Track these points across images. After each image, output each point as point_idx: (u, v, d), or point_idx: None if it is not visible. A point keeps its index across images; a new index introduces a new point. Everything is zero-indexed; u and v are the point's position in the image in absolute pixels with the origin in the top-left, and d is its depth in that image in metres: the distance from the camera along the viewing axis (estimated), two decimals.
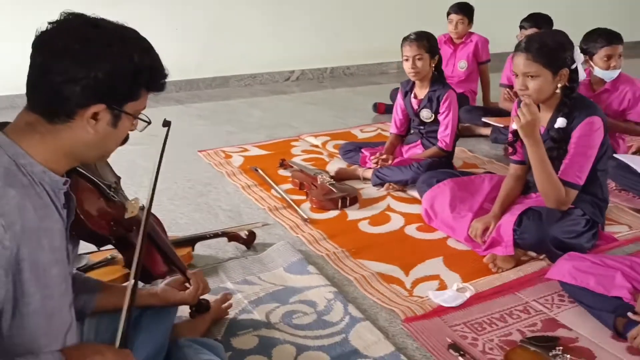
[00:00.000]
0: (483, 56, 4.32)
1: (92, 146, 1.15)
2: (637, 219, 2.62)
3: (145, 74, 1.14)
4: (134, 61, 1.11)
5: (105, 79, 1.08)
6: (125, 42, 1.12)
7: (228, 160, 3.40)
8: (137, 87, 1.15)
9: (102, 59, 1.07)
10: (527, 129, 2.08)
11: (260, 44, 5.52)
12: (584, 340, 1.77)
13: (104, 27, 1.12)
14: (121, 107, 1.14)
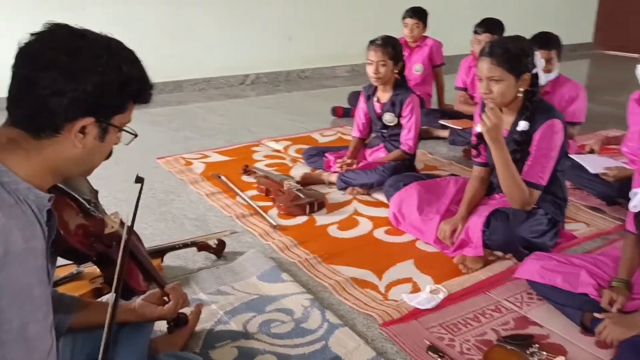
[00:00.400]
0: (437, 60, 4.41)
1: (79, 161, 1.11)
2: (592, 216, 2.74)
3: (134, 85, 1.12)
4: (123, 72, 1.08)
5: (94, 91, 1.04)
6: (113, 53, 1.09)
7: (189, 167, 3.34)
8: (125, 99, 1.12)
9: (90, 71, 1.04)
10: (492, 132, 2.14)
11: (214, 48, 5.46)
12: (555, 336, 1.83)
13: (91, 38, 1.08)
14: (109, 120, 1.11)
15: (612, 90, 5.82)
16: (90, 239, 1.36)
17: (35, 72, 1.00)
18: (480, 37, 3.86)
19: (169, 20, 5.13)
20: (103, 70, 1.05)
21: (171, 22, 5.16)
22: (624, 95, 5.52)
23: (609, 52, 8.72)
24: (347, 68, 6.45)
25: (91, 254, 1.37)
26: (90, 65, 1.04)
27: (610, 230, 2.58)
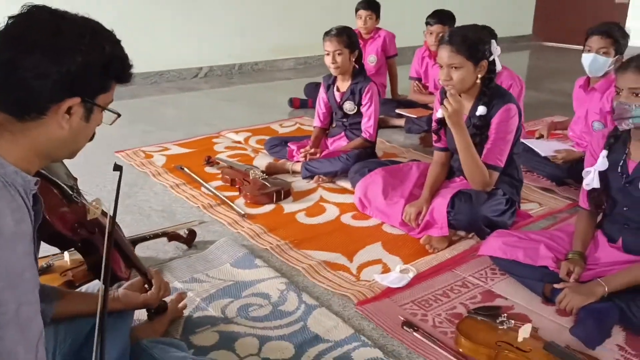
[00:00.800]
0: (391, 51, 4.51)
1: (65, 143, 1.12)
2: (544, 196, 2.89)
3: (117, 64, 1.13)
4: (106, 52, 1.09)
5: (79, 72, 1.05)
6: (96, 32, 1.10)
7: (150, 160, 3.31)
8: (108, 79, 1.13)
9: (74, 51, 1.04)
10: (453, 117, 2.23)
11: (166, 41, 5.38)
12: (519, 307, 1.94)
13: (71, 19, 1.09)
14: (94, 100, 1.12)
15: (552, 79, 6.11)
16: (74, 225, 1.36)
17: (17, 55, 1.00)
18: (432, 29, 3.98)
19: (120, 12, 5.01)
20: (86, 50, 1.06)
21: (122, 14, 5.04)
22: (563, 83, 5.85)
23: (547, 44, 9.10)
24: (301, 60, 6.48)
25: (76, 240, 1.37)
26: (73, 46, 1.04)
27: (561, 209, 2.74)
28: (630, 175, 1.92)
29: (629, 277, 1.84)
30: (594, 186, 2.00)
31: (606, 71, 2.87)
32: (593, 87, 2.95)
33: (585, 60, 2.87)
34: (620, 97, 1.81)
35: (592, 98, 2.94)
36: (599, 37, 2.82)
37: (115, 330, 1.54)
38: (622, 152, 1.95)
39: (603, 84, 2.90)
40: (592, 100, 2.94)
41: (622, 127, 1.85)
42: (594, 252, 2.03)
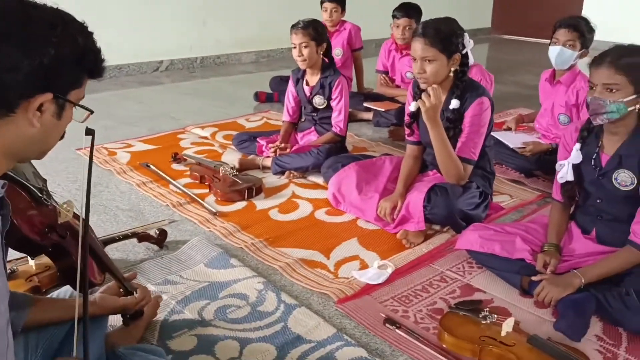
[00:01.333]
0: (356, 44, 4.48)
1: (36, 141, 1.04)
2: (514, 188, 2.92)
3: (90, 57, 1.06)
4: (79, 44, 1.02)
5: (51, 65, 0.98)
6: (67, 23, 1.02)
7: (113, 158, 3.19)
8: (81, 73, 1.06)
9: (46, 43, 0.97)
10: (431, 112, 2.22)
11: (125, 33, 5.20)
12: (498, 300, 1.95)
13: (42, 8, 1.01)
14: (66, 95, 1.04)
15: (512, 71, 6.21)
16: (44, 229, 1.28)
17: None
18: (399, 22, 3.97)
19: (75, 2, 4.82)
20: (59, 41, 0.98)
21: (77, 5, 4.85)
22: (523, 75, 5.96)
23: (506, 37, 9.26)
24: (263, 53, 6.39)
25: (46, 245, 1.29)
26: (45, 37, 0.97)
27: (532, 200, 2.77)
28: (603, 168, 1.94)
29: (604, 268, 1.87)
30: (568, 179, 2.02)
31: (571, 64, 2.92)
32: (559, 80, 2.99)
33: (552, 53, 2.91)
34: (595, 93, 1.82)
35: (558, 91, 2.99)
36: (566, 30, 2.86)
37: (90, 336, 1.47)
38: (595, 145, 1.98)
39: (568, 77, 2.95)
40: (558, 93, 2.99)
41: (597, 122, 1.87)
42: (569, 244, 2.06)
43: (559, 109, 3.02)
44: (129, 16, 5.24)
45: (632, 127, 1.87)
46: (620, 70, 1.76)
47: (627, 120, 1.85)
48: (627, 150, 1.88)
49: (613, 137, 1.92)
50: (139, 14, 5.30)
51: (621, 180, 1.90)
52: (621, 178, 1.90)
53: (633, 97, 1.78)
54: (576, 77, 2.94)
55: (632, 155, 1.87)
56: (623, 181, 1.90)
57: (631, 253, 1.87)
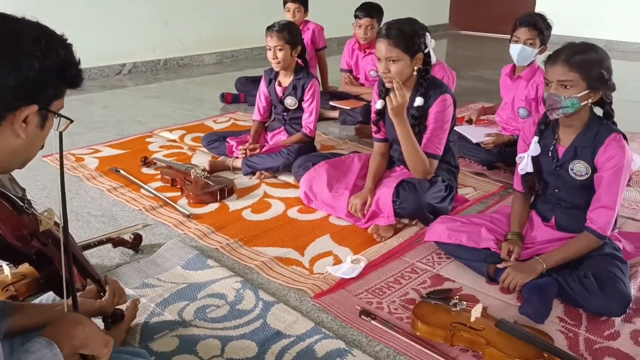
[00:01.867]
0: (320, 43, 4.54)
1: (20, 152, 1.08)
2: (478, 181, 3.04)
3: (71, 69, 1.10)
4: (60, 56, 1.07)
5: (36, 78, 1.02)
6: (49, 36, 1.06)
7: (81, 164, 3.17)
8: (62, 84, 1.11)
9: (32, 56, 1.01)
10: (397, 109, 2.30)
11: (85, 37, 5.11)
12: (467, 288, 2.05)
13: (25, 22, 1.05)
14: (49, 106, 1.08)
15: (471, 66, 6.38)
16: (27, 237, 1.30)
17: None
18: (361, 22, 4.05)
19: (31, 7, 4.73)
20: (42, 54, 1.03)
21: (34, 10, 4.76)
22: (482, 70, 6.12)
23: (464, 32, 9.47)
24: (227, 54, 6.39)
25: (30, 253, 1.31)
26: (30, 50, 1.01)
27: (495, 191, 2.89)
28: (560, 160, 2.06)
29: (564, 253, 1.99)
30: (527, 170, 2.13)
31: (531, 60, 3.04)
32: (519, 75, 3.11)
33: (514, 51, 3.02)
34: (550, 89, 1.93)
35: (518, 86, 3.11)
36: (527, 28, 2.97)
37: None
38: (552, 138, 2.09)
39: (528, 73, 3.07)
40: (518, 88, 3.11)
41: (553, 117, 1.97)
42: (531, 232, 2.17)
43: (519, 102, 3.14)
44: (89, 19, 5.17)
45: (585, 120, 1.99)
46: (574, 67, 1.87)
47: (581, 114, 1.96)
48: (581, 142, 2.00)
49: (568, 130, 2.03)
50: (98, 16, 5.24)
51: (577, 170, 2.02)
52: (577, 168, 2.02)
53: (586, 92, 1.89)
54: (535, 72, 3.07)
55: (586, 147, 1.99)
56: (578, 171, 2.02)
57: (588, 238, 1.98)
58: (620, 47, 7.61)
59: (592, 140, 1.98)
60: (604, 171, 1.95)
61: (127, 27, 5.48)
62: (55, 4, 4.91)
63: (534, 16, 3.04)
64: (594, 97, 1.92)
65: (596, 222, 1.96)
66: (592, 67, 1.87)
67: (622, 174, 1.94)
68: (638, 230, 2.49)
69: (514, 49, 3.02)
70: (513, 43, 3.03)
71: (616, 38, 7.64)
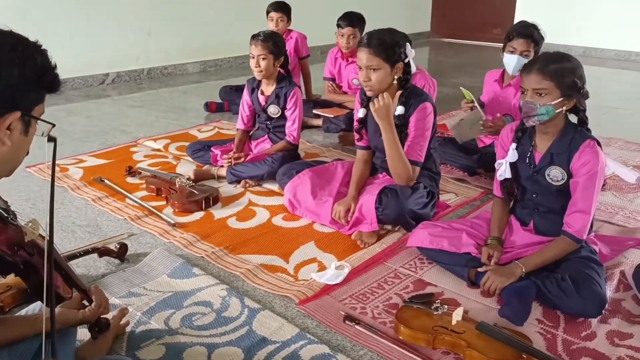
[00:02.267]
0: (303, 52, 4.59)
1: (7, 159, 1.11)
2: (459, 186, 3.10)
3: (49, 74, 1.13)
4: (38, 62, 1.10)
5: (17, 85, 1.05)
6: (25, 44, 1.10)
7: (65, 174, 3.18)
8: (41, 90, 1.14)
9: (11, 64, 1.04)
10: (382, 112, 2.35)
11: (68, 47, 5.14)
12: (449, 292, 2.09)
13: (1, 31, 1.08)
14: (30, 112, 1.12)
15: (452, 74, 6.47)
16: (13, 248, 1.31)
17: None
18: (343, 31, 4.11)
19: (13, 17, 4.72)
20: (21, 62, 1.06)
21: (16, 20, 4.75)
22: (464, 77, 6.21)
23: (445, 40, 9.60)
24: (210, 62, 6.41)
25: (17, 263, 1.33)
26: (9, 58, 1.04)
27: (476, 197, 2.95)
28: (537, 165, 2.12)
29: (542, 257, 2.04)
30: (506, 176, 2.19)
31: None
32: (509, 83, 3.15)
33: (510, 61, 3.01)
34: (526, 97, 1.99)
35: (508, 93, 3.16)
36: (524, 40, 2.97)
37: (60, 351, 1.51)
38: (529, 144, 2.15)
39: (518, 81, 3.12)
40: (508, 95, 3.15)
41: (529, 124, 2.03)
42: (510, 236, 2.23)
43: (506, 110, 3.21)
44: (72, 29, 5.18)
45: (560, 127, 2.05)
46: (547, 76, 1.93)
47: (556, 121, 2.02)
48: (557, 149, 2.06)
49: (544, 137, 2.10)
50: (81, 26, 5.25)
51: (553, 176, 2.08)
52: (553, 174, 2.08)
53: (560, 100, 1.95)
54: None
55: (562, 153, 2.05)
56: (555, 177, 2.08)
57: (565, 242, 2.04)
58: (598, 54, 7.77)
59: (567, 146, 2.04)
60: (579, 176, 2.01)
61: (111, 36, 5.49)
62: (39, 13, 4.92)
63: (530, 27, 3.02)
64: (568, 104, 1.98)
65: (572, 226, 2.02)
66: (566, 76, 1.94)
67: (596, 179, 2.00)
68: (614, 233, 2.55)
69: (510, 59, 3.01)
70: (508, 53, 3.02)
71: (594, 45, 7.80)
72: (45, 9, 4.96)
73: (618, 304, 2.02)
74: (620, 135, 4.01)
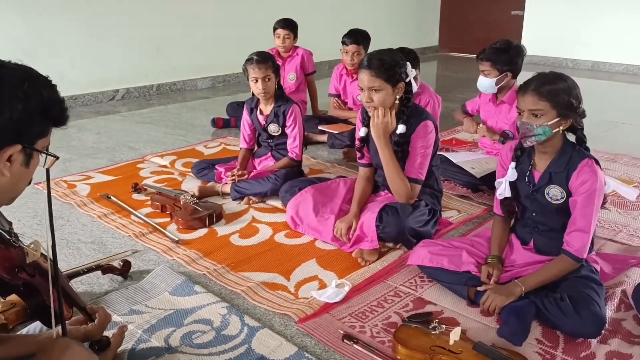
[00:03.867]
0: (309, 68, 4.64)
1: (7, 189, 1.14)
2: (462, 203, 3.10)
3: (56, 109, 1.17)
4: (44, 97, 1.13)
5: (20, 119, 1.08)
6: (33, 79, 1.13)
7: (73, 190, 3.23)
8: (47, 123, 1.17)
9: (15, 99, 1.08)
10: (379, 128, 2.38)
11: (78, 63, 5.23)
12: (448, 311, 2.09)
13: (8, 67, 1.12)
14: (33, 145, 1.14)
15: (460, 88, 6.48)
16: (14, 270, 1.35)
17: None
18: (348, 48, 4.15)
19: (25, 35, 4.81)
20: (26, 97, 1.09)
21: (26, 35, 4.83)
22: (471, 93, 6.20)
23: (453, 54, 9.63)
24: (220, 78, 6.49)
25: (18, 284, 1.36)
26: (14, 94, 1.07)
27: (478, 214, 2.95)
28: (536, 184, 2.12)
29: (542, 276, 2.04)
30: (506, 195, 2.20)
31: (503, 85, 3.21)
32: (502, 100, 3.21)
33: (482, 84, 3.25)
34: (523, 118, 2.00)
35: (502, 110, 3.21)
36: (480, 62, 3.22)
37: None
38: (528, 163, 2.16)
39: (510, 96, 3.19)
40: (502, 112, 3.20)
41: (527, 144, 2.04)
42: (510, 255, 2.23)
43: (504, 126, 3.23)
44: (81, 45, 5.26)
45: (558, 147, 2.06)
46: (543, 97, 1.95)
47: (553, 140, 2.03)
48: (555, 168, 2.07)
49: (543, 156, 2.11)
50: (91, 43, 5.33)
51: (552, 194, 2.09)
52: (552, 193, 2.09)
53: (556, 120, 1.97)
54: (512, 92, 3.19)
55: (560, 172, 2.06)
56: (554, 195, 2.08)
57: (565, 261, 2.04)
58: (606, 68, 7.76)
59: (566, 165, 2.05)
60: (578, 195, 2.01)
61: (120, 53, 5.57)
62: (50, 31, 5.01)
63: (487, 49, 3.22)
64: (564, 124, 2.00)
65: (572, 245, 2.02)
66: (561, 96, 1.95)
67: (595, 198, 2.00)
68: (617, 251, 2.55)
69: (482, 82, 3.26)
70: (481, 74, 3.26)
71: (602, 59, 7.79)
72: (55, 26, 5.06)
73: (618, 324, 2.01)
74: (626, 151, 3.99)
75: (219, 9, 6.25)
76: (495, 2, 8.90)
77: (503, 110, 3.24)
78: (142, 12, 5.67)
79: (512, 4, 8.65)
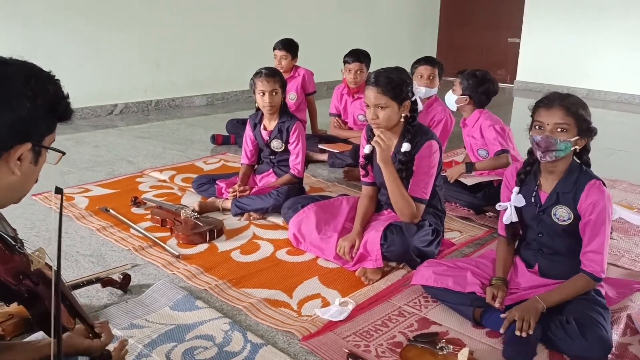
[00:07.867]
0: (310, 88, 4.66)
1: (16, 188, 1.12)
2: (464, 225, 3.09)
3: (61, 105, 1.15)
4: (50, 93, 1.12)
5: (29, 116, 1.07)
6: (39, 75, 1.12)
7: (71, 203, 3.19)
8: (53, 120, 1.16)
9: (23, 96, 1.06)
10: (384, 153, 2.37)
11: (77, 77, 5.22)
12: (453, 332, 2.07)
13: (14, 64, 1.11)
14: (41, 142, 1.13)
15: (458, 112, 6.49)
16: (19, 277, 1.31)
17: None
18: (350, 66, 4.18)
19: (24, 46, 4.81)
20: (33, 94, 1.08)
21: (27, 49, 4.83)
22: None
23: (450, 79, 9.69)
24: (218, 95, 6.50)
25: (22, 292, 1.33)
26: (22, 91, 1.06)
27: (481, 236, 2.94)
28: (543, 205, 2.12)
29: (561, 294, 2.01)
30: (512, 220, 2.19)
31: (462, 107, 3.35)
32: (464, 122, 3.38)
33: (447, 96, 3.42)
34: (546, 132, 1.98)
35: (468, 131, 3.29)
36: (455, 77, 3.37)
37: None
38: (534, 184, 2.15)
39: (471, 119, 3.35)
40: (469, 133, 3.27)
41: (545, 159, 2.01)
42: (515, 278, 2.21)
43: (476, 145, 3.29)
44: (81, 59, 5.27)
45: (566, 167, 2.06)
46: (570, 112, 1.95)
47: (564, 159, 2.03)
48: (562, 188, 2.06)
49: (550, 176, 2.10)
50: (91, 57, 5.34)
51: (559, 215, 2.08)
52: (559, 213, 2.08)
53: (576, 138, 1.97)
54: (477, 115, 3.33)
55: (567, 192, 2.05)
56: (561, 216, 2.08)
57: (584, 280, 2.02)
58: (602, 96, 7.84)
59: (573, 186, 2.04)
60: (589, 216, 2.00)
61: (120, 68, 5.58)
62: (49, 44, 5.01)
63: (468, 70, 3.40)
64: (580, 143, 2.00)
65: (589, 266, 2.01)
66: (583, 115, 1.97)
67: (606, 217, 1.99)
68: (620, 276, 2.54)
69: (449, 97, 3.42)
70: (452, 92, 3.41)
71: (597, 88, 7.88)
72: (55, 40, 5.07)
73: (625, 348, 1.99)
74: (624, 178, 4.01)
75: (219, 27, 6.29)
76: (492, 29, 9.02)
77: (468, 131, 3.38)
78: (142, 28, 5.69)
79: (509, 32, 8.77)
